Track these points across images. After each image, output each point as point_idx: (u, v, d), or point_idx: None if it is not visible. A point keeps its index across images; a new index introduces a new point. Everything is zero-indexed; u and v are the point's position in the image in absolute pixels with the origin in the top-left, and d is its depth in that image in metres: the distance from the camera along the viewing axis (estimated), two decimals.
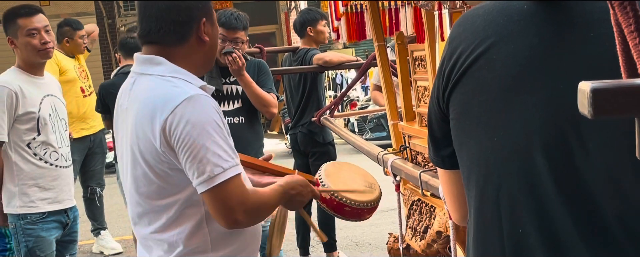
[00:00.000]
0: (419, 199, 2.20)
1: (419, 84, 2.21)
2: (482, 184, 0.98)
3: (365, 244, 4.41)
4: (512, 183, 0.94)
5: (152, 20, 1.53)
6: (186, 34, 1.54)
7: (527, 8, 0.94)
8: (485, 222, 0.98)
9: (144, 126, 1.47)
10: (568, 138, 0.89)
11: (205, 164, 1.43)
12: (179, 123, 1.43)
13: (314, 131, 3.90)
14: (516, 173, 0.93)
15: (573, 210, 0.89)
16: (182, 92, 1.46)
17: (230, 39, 3.09)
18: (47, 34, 2.70)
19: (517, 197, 0.93)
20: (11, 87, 2.62)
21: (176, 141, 1.44)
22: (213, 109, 1.47)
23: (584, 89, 0.66)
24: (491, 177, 0.96)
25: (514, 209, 0.94)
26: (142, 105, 1.49)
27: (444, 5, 1.77)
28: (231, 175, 1.45)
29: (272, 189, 1.62)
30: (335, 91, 10.48)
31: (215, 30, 1.60)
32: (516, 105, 0.93)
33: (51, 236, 2.72)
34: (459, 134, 1.02)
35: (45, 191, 2.68)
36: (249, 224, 1.54)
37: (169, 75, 1.51)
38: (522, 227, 0.93)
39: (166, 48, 1.54)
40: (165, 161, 1.47)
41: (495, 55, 0.95)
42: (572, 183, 0.89)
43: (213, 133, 1.44)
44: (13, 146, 2.65)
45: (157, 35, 1.53)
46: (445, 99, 1.02)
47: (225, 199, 1.45)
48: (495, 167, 0.95)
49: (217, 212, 1.47)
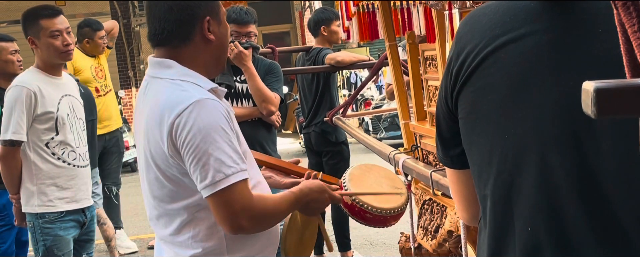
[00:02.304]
0: (430, 198, 2.20)
1: (430, 83, 2.21)
2: (493, 183, 0.97)
3: (380, 243, 4.42)
4: (523, 181, 0.93)
5: (157, 21, 1.53)
6: (190, 33, 1.53)
7: (533, 6, 0.95)
8: (496, 221, 0.98)
9: (153, 131, 1.49)
10: (580, 136, 0.89)
11: (207, 169, 1.43)
12: (185, 127, 1.44)
13: (327, 130, 3.91)
14: (527, 171, 0.93)
15: (586, 209, 0.89)
16: (189, 97, 1.46)
17: (243, 34, 3.09)
18: (69, 35, 2.73)
19: (528, 196, 0.93)
20: (30, 87, 2.66)
21: (182, 145, 1.45)
22: (220, 114, 1.47)
23: (588, 89, 0.66)
24: (502, 175, 0.96)
25: (525, 208, 0.93)
26: (152, 110, 1.51)
27: (454, 4, 1.77)
28: (234, 181, 1.44)
29: (283, 196, 1.61)
30: (349, 90, 10.48)
31: (224, 29, 1.58)
32: (527, 103, 0.93)
33: (69, 235, 2.76)
34: (469, 133, 1.02)
35: (63, 190, 2.72)
36: (255, 230, 1.53)
37: (178, 78, 1.51)
38: (532, 226, 0.93)
39: (173, 50, 1.54)
40: (175, 166, 1.48)
41: (504, 53, 0.95)
42: (585, 181, 0.89)
43: (217, 138, 1.44)
44: (32, 146, 2.69)
45: (162, 36, 1.54)
46: (453, 98, 1.03)
47: (227, 205, 1.45)
48: (507, 166, 0.95)
49: (220, 218, 1.48)
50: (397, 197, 2.00)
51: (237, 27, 3.08)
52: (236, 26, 3.06)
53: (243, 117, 2.98)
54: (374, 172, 2.12)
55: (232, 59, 2.98)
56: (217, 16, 1.57)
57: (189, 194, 1.51)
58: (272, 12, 11.76)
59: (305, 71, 3.98)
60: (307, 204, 1.65)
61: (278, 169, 1.89)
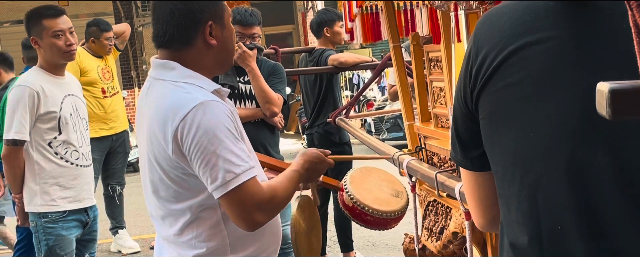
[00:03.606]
0: (435, 199, 2.20)
1: (435, 84, 2.21)
2: (519, 182, 0.96)
3: (382, 244, 4.41)
4: (550, 180, 0.92)
5: (160, 24, 1.54)
6: (191, 38, 1.53)
7: (554, 4, 0.94)
8: (521, 220, 0.96)
9: (157, 133, 1.49)
10: (609, 132, 0.88)
11: (217, 170, 1.44)
12: (190, 130, 1.44)
13: (330, 131, 3.91)
14: (555, 169, 0.92)
15: (619, 203, 0.88)
16: (192, 99, 1.46)
17: (248, 35, 3.09)
18: (72, 35, 2.74)
19: (555, 194, 0.92)
20: (33, 87, 2.66)
21: (188, 148, 1.45)
22: (224, 114, 1.47)
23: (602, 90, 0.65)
24: (528, 174, 0.94)
25: (553, 206, 0.92)
26: (154, 112, 1.51)
27: (460, 6, 1.77)
28: (244, 179, 1.46)
29: (287, 176, 1.63)
30: (352, 91, 10.47)
31: (227, 32, 1.57)
32: (552, 101, 0.92)
33: (71, 234, 2.76)
34: (491, 134, 1.00)
35: (65, 189, 2.73)
36: (271, 219, 1.55)
37: (181, 80, 1.51)
38: (562, 224, 0.92)
39: (176, 52, 1.54)
40: (179, 167, 1.49)
41: (527, 52, 0.94)
42: (617, 177, 0.88)
43: (223, 138, 1.45)
44: (34, 145, 2.69)
45: (164, 39, 1.54)
46: (473, 99, 1.01)
47: (241, 203, 1.47)
48: (532, 165, 0.94)
49: (236, 216, 1.49)
50: (397, 199, 1.99)
51: (242, 29, 3.07)
52: (240, 27, 3.06)
53: (246, 118, 2.98)
54: (374, 175, 2.12)
55: (235, 59, 2.98)
56: (221, 20, 1.56)
57: (193, 194, 1.52)
58: (274, 12, 11.77)
59: (308, 72, 3.98)
60: (308, 177, 1.70)
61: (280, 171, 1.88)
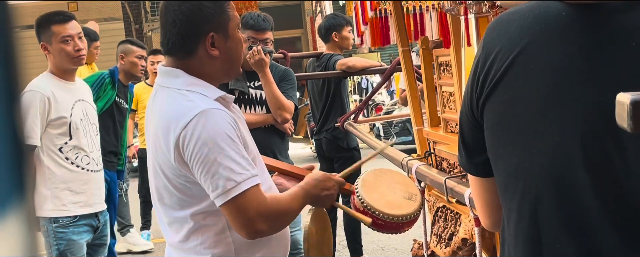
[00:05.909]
0: (444, 205, 2.18)
1: (444, 89, 2.20)
2: (519, 197, 0.95)
3: (391, 248, 4.40)
4: (551, 196, 0.91)
5: (164, 31, 1.55)
6: (193, 48, 1.53)
7: (565, 14, 0.92)
8: (521, 235, 0.96)
9: (160, 141, 1.51)
10: (609, 151, 0.87)
11: (217, 179, 1.44)
12: (191, 139, 1.44)
13: (338, 137, 3.90)
14: (556, 186, 0.91)
15: (617, 228, 0.87)
16: (194, 107, 1.47)
17: (261, 40, 3.10)
18: (80, 40, 2.76)
19: (556, 211, 0.91)
20: (44, 92, 2.68)
21: (189, 156, 1.46)
22: (226, 122, 1.47)
23: (623, 101, 0.64)
24: (530, 189, 0.94)
25: (553, 222, 0.92)
26: (159, 120, 1.52)
27: (470, 10, 1.76)
28: (245, 188, 1.45)
29: (292, 193, 1.60)
30: (360, 95, 10.47)
31: (232, 42, 1.56)
32: (556, 116, 0.91)
33: (82, 239, 2.77)
34: (495, 145, 0.99)
35: (76, 194, 2.74)
36: (273, 231, 1.54)
37: (185, 88, 1.52)
38: (561, 242, 0.91)
39: (179, 60, 1.55)
40: (182, 175, 1.50)
41: (533, 64, 0.92)
42: (615, 197, 0.87)
43: (225, 146, 1.45)
44: (45, 150, 2.70)
45: (168, 47, 1.55)
46: (479, 107, 1.00)
47: (242, 212, 1.46)
48: (534, 180, 0.93)
49: (237, 224, 1.48)
50: (410, 202, 1.96)
51: (255, 34, 3.08)
52: (253, 32, 3.07)
53: (256, 124, 2.98)
54: (387, 178, 2.08)
55: (251, 64, 2.98)
56: (224, 31, 1.54)
57: (197, 201, 1.52)
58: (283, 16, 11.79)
59: (317, 76, 3.98)
60: (316, 197, 1.65)
61: (290, 175, 1.87)
